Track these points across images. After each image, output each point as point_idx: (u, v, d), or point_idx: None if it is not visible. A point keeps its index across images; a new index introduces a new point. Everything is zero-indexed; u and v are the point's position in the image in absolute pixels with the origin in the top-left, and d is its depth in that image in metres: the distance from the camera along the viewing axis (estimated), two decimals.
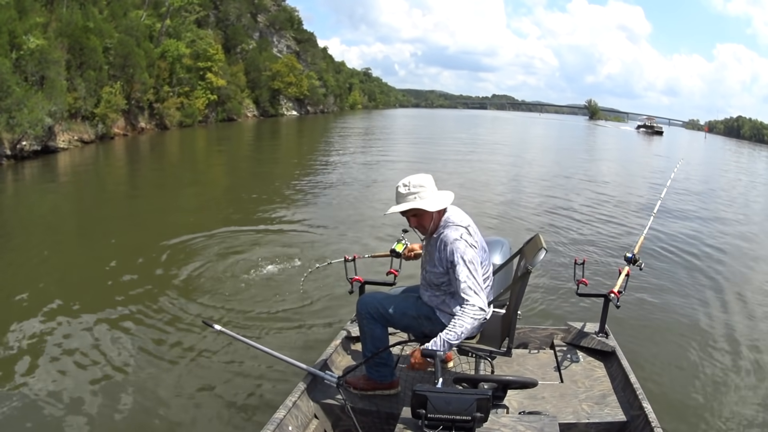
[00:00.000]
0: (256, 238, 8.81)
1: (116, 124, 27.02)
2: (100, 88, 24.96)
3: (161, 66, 32.73)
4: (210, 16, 47.63)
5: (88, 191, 14.19)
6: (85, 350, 4.93)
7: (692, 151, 48.67)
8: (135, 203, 12.42)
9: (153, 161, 21.79)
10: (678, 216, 12.66)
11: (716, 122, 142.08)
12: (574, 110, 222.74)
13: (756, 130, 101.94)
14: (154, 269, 7.18)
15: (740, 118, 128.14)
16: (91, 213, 11.26)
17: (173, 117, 33.58)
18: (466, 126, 64.42)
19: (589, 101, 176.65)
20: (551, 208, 12.61)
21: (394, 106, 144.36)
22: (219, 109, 42.05)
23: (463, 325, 2.76)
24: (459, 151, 27.31)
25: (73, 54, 23.34)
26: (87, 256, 7.92)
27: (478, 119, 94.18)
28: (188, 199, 13.10)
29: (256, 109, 52.30)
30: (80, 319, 5.58)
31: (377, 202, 12.05)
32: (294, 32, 67.57)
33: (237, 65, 47.71)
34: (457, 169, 19.23)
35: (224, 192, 14.44)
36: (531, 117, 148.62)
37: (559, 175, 19.63)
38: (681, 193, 16.25)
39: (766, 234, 12.66)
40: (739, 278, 8.44)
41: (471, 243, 2.89)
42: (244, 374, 4.61)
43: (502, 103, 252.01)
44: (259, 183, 15.43)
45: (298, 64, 60.77)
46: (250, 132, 38.04)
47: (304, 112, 63.28)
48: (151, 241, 8.44)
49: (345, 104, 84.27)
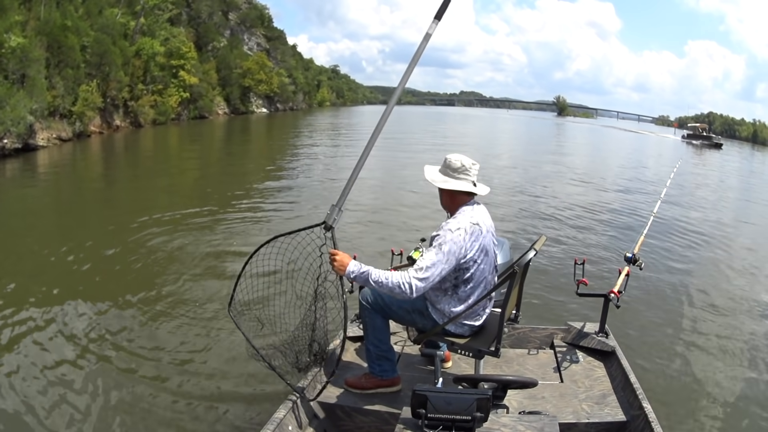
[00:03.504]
0: (228, 235, 9.11)
1: (93, 122, 27.18)
2: (77, 86, 25.17)
3: (136, 64, 32.90)
4: (182, 14, 47.53)
5: (72, 188, 14.39)
6: (69, 343, 4.97)
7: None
8: (117, 200, 12.54)
9: (132, 160, 21.77)
10: (678, 215, 12.59)
11: (686, 118, 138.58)
12: (542, 106, 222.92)
13: (727, 125, 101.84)
14: (141, 270, 7.17)
15: (711, 113, 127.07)
16: (73, 211, 11.23)
17: (147, 115, 33.78)
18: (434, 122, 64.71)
19: (558, 97, 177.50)
20: (552, 208, 12.63)
21: (362, 103, 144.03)
22: (191, 107, 42.17)
23: (389, 278, 2.77)
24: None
25: (52, 52, 23.53)
26: (63, 252, 7.84)
27: (445, 116, 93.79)
28: (166, 196, 13.02)
29: (227, 107, 52.36)
30: (61, 312, 5.62)
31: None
32: (264, 30, 67.71)
33: (209, 63, 47.79)
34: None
35: (202, 191, 14.31)
36: (499, 113, 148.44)
37: (578, 179, 19.15)
38: (680, 193, 16.23)
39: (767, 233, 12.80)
40: (740, 277, 8.41)
41: (460, 238, 2.83)
42: (244, 374, 4.58)
43: (470, 99, 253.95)
44: (235, 181, 15.37)
45: (268, 62, 61.10)
46: (222, 130, 38.22)
47: (274, 109, 63.47)
48: (130, 238, 8.51)
49: (314, 101, 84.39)
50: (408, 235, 9.07)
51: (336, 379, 3.19)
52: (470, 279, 2.93)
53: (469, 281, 2.94)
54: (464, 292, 2.95)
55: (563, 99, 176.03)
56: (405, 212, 11.35)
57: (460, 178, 2.94)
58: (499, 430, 2.25)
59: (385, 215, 11.02)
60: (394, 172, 16.93)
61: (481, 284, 2.98)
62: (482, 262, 2.94)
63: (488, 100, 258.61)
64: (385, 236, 9.13)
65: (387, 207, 11.90)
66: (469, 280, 2.93)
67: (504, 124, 76.16)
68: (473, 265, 2.90)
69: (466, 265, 2.88)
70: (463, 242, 2.83)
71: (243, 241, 8.50)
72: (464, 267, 2.89)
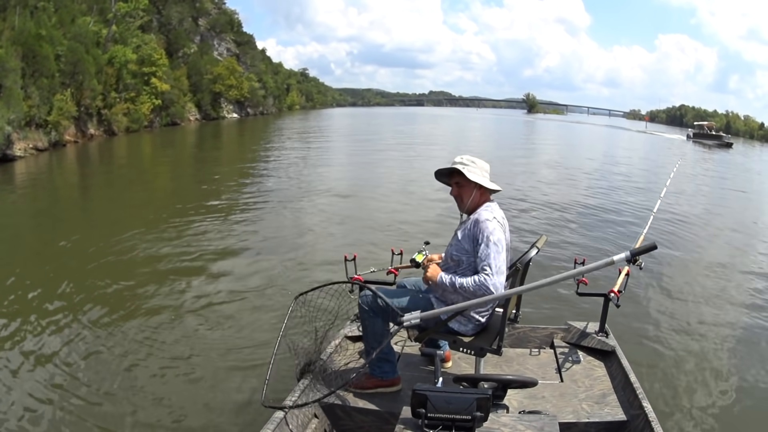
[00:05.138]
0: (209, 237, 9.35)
1: (68, 131, 27.02)
2: (52, 95, 25.08)
3: (109, 72, 32.80)
4: (153, 21, 47.26)
5: (52, 198, 14.28)
6: (53, 351, 4.99)
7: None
8: (94, 211, 12.45)
9: (110, 169, 21.32)
10: (679, 215, 12.58)
11: (658, 111, 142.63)
12: (512, 104, 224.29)
13: (699, 117, 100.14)
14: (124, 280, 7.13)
15: (683, 106, 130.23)
16: (54, 221, 11.00)
17: (121, 123, 33.61)
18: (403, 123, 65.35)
19: (528, 95, 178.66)
20: (553, 209, 12.64)
21: (332, 105, 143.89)
22: (163, 114, 42.04)
23: (467, 284, 2.88)
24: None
25: (27, 62, 23.46)
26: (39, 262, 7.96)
27: (415, 116, 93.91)
28: (139, 206, 12.73)
29: (199, 113, 52.30)
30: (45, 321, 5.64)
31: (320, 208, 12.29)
32: (234, 35, 67.73)
33: (180, 69, 47.76)
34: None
35: (176, 198, 14.15)
36: (468, 112, 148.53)
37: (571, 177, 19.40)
38: (681, 193, 16.24)
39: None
40: (741, 277, 8.45)
41: (498, 225, 2.96)
42: (244, 374, 4.63)
43: (439, 99, 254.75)
44: (209, 188, 15.31)
45: (238, 67, 61.22)
46: (194, 136, 38.12)
47: (244, 114, 63.47)
48: (104, 249, 8.49)
49: (283, 105, 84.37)
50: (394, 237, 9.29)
51: (336, 379, 3.22)
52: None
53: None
54: None
55: (533, 96, 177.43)
56: (383, 217, 11.32)
57: (490, 178, 3.12)
58: (499, 429, 2.25)
59: (360, 220, 11.07)
60: (363, 176, 17.43)
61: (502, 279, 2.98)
62: (507, 253, 3.02)
63: (457, 99, 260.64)
64: (376, 240, 9.17)
65: (362, 210, 12.14)
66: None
67: (474, 123, 76.67)
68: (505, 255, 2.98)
69: None
70: (504, 231, 3.00)
71: (216, 246, 8.71)
72: None
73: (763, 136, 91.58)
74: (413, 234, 9.30)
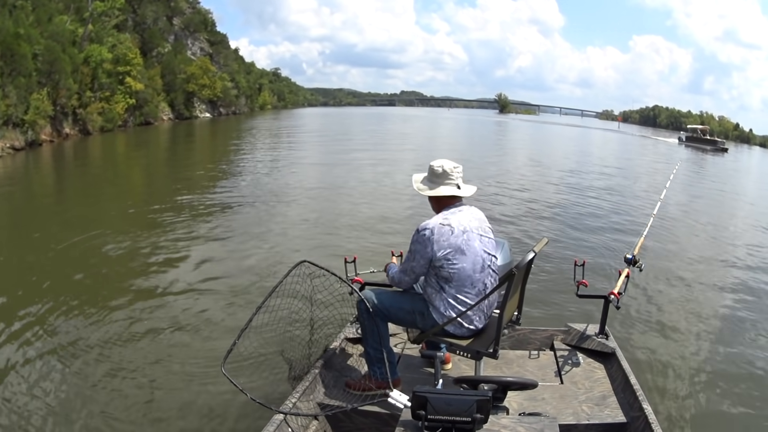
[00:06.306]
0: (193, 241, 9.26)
1: (43, 130, 26.84)
2: (29, 94, 24.94)
3: (84, 71, 32.59)
4: (128, 20, 46.84)
5: (28, 197, 14.21)
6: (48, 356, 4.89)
7: None
8: (73, 210, 12.26)
9: (88, 169, 21.29)
10: (679, 216, 12.62)
11: (631, 112, 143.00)
12: (484, 104, 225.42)
13: (673, 118, 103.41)
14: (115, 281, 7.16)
15: (656, 107, 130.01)
16: (31, 221, 10.81)
17: (95, 122, 33.44)
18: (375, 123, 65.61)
19: (500, 95, 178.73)
20: (550, 209, 12.73)
21: (303, 105, 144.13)
22: (137, 113, 41.82)
23: (390, 275, 3.34)
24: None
25: (5, 61, 23.36)
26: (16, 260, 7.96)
27: (386, 116, 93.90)
28: (125, 207, 12.50)
29: (172, 112, 52.03)
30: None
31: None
32: (207, 34, 67.45)
33: (154, 69, 47.34)
34: None
35: (149, 197, 14.15)
36: (440, 112, 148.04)
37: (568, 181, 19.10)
38: (681, 194, 16.43)
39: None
40: (741, 277, 8.44)
41: (424, 238, 3.00)
42: (243, 373, 4.52)
43: (411, 99, 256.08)
44: (182, 185, 15.23)
45: (211, 67, 61.02)
46: (167, 135, 38.06)
47: (217, 113, 63.26)
48: (77, 245, 8.57)
49: (256, 105, 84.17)
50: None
51: (336, 380, 3.25)
52: (450, 278, 3.02)
53: (449, 280, 3.02)
54: (451, 291, 3.03)
55: (505, 96, 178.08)
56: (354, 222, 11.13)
57: (445, 183, 3.11)
58: (499, 431, 2.26)
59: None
60: (331, 179, 17.37)
61: (466, 283, 3.04)
62: (458, 261, 2.99)
63: (429, 99, 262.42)
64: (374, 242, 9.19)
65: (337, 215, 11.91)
66: (450, 279, 3.02)
67: (447, 123, 77.15)
68: (447, 264, 2.99)
69: (438, 263, 2.99)
70: (428, 242, 2.97)
71: (190, 246, 8.77)
72: (437, 266, 3.00)
73: (737, 136, 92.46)
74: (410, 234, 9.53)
